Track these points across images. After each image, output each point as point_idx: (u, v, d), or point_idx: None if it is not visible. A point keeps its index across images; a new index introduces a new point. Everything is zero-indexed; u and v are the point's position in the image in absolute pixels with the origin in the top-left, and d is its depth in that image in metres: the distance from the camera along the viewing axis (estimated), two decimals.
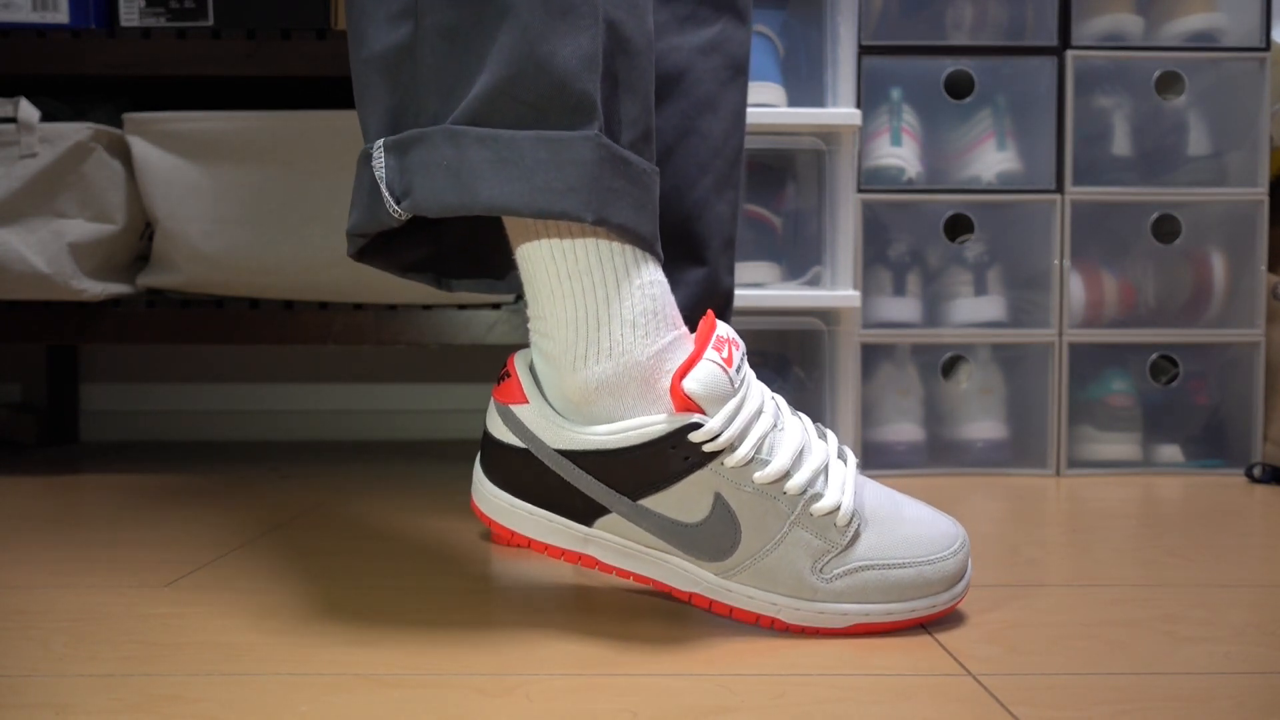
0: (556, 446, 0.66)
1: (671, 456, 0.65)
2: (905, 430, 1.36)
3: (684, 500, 0.66)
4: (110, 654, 0.63)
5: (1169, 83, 1.38)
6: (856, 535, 0.67)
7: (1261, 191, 1.36)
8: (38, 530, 1.01)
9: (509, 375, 0.68)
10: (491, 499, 0.69)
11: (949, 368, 1.38)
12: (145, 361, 1.75)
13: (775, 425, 0.67)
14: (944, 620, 0.70)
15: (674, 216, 0.89)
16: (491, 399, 0.69)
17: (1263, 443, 1.36)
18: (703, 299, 0.91)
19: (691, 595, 0.68)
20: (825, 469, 0.68)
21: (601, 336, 0.66)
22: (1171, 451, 1.37)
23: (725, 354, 0.66)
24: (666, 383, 0.66)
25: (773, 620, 0.67)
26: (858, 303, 1.27)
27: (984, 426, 1.37)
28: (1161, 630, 0.68)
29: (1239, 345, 1.37)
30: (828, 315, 1.29)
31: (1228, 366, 1.38)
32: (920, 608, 0.67)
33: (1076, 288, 1.37)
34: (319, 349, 1.74)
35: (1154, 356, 1.38)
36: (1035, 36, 1.37)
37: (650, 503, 0.66)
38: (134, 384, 1.75)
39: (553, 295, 0.66)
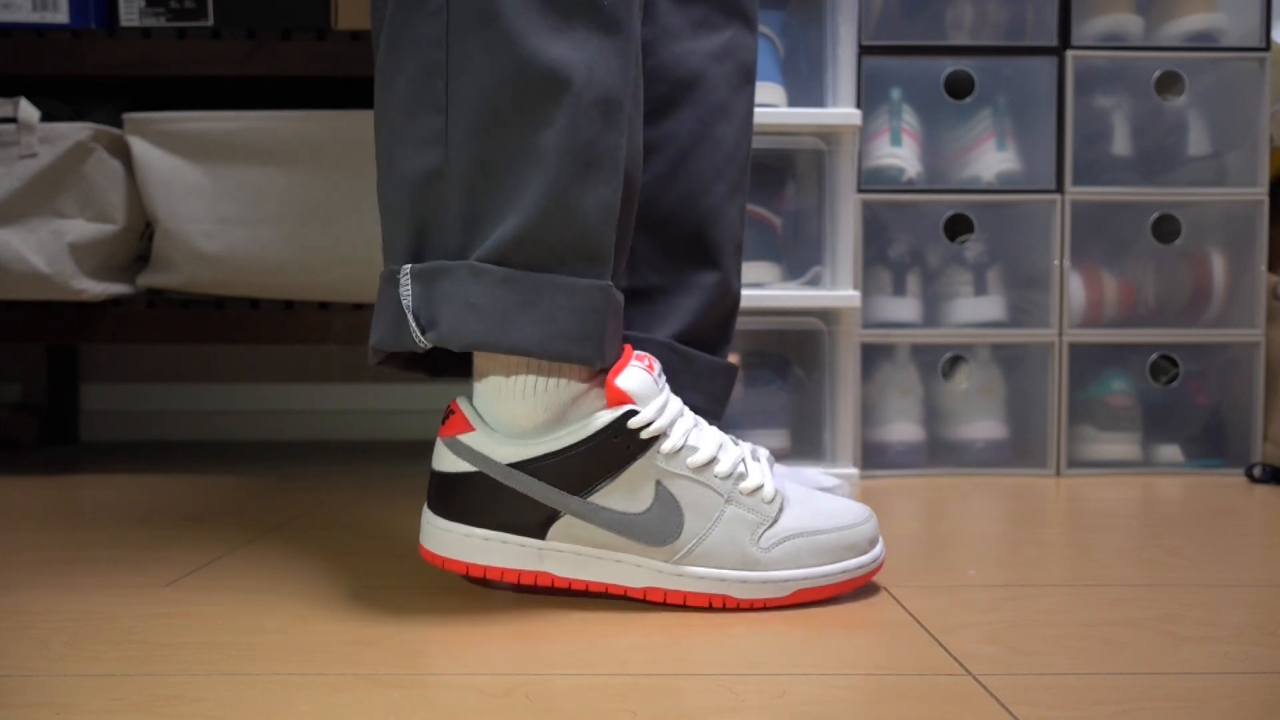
0: (507, 461, 0.71)
1: (614, 446, 0.70)
2: (905, 430, 1.36)
3: (628, 490, 0.71)
4: (110, 654, 0.63)
5: (1169, 83, 1.38)
6: (782, 509, 0.73)
7: (1261, 191, 1.36)
8: (38, 530, 1.01)
9: (453, 413, 0.73)
10: (443, 534, 0.73)
11: (949, 368, 1.38)
12: (145, 361, 1.75)
13: (695, 425, 0.74)
14: (944, 620, 0.70)
15: (688, 222, 0.90)
16: (438, 440, 0.73)
17: (1263, 443, 1.36)
18: (715, 302, 0.92)
19: (646, 591, 0.72)
20: (744, 460, 0.74)
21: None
22: (1171, 451, 1.37)
23: (647, 364, 0.73)
24: (601, 403, 0.72)
25: (724, 599, 0.72)
26: (858, 303, 1.27)
27: (984, 426, 1.37)
28: (1161, 630, 0.68)
29: (1239, 345, 1.37)
30: (828, 315, 1.29)
31: (1228, 366, 1.38)
32: (851, 567, 0.74)
33: (1076, 288, 1.37)
34: (319, 349, 1.74)
35: (1154, 356, 1.38)
36: (1035, 36, 1.37)
37: (598, 497, 0.70)
38: (134, 384, 1.75)
39: (517, 390, 0.71)
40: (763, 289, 1.28)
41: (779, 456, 1.21)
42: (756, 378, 1.32)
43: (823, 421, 1.30)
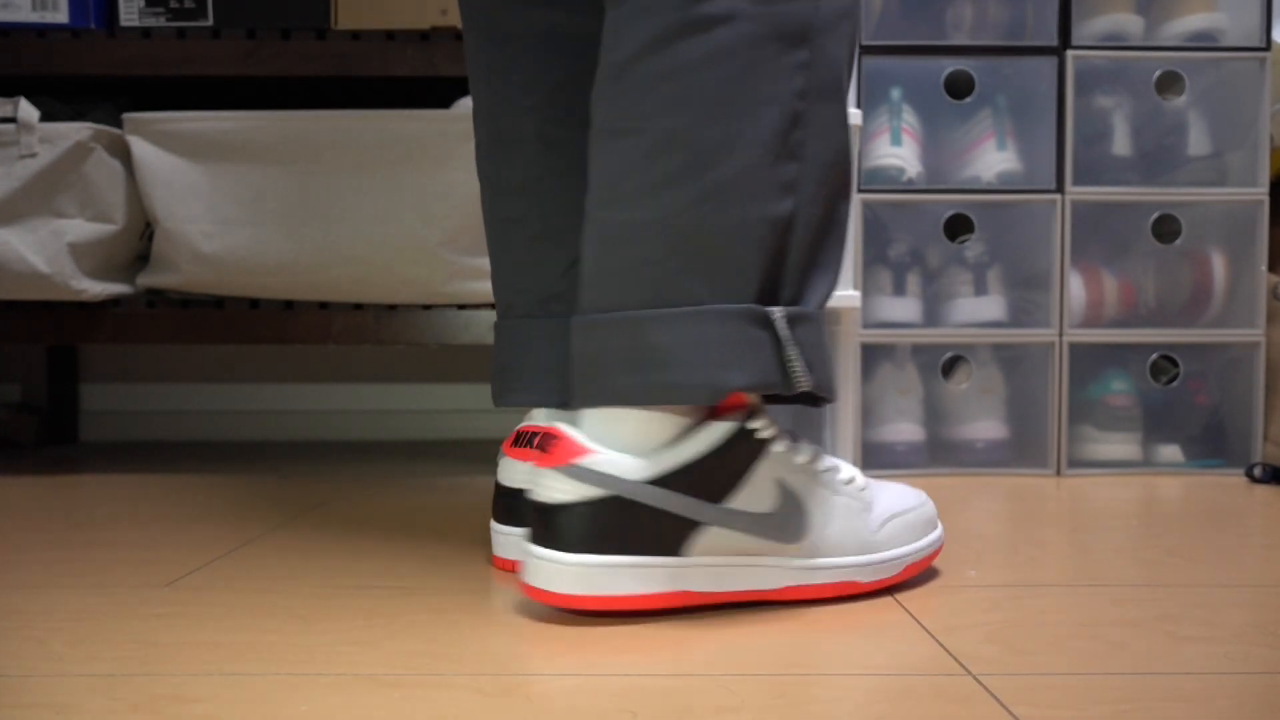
0: (644, 478, 0.69)
1: (740, 450, 0.70)
2: (905, 430, 1.36)
3: (757, 493, 0.71)
4: (110, 654, 0.63)
5: (1169, 83, 1.38)
6: (871, 495, 0.78)
7: (1261, 191, 1.36)
8: (38, 530, 1.01)
9: (556, 438, 0.69)
10: (565, 569, 0.68)
11: (949, 368, 1.38)
12: (145, 361, 1.75)
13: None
14: (944, 620, 0.70)
15: None
16: (546, 470, 0.69)
17: (1263, 443, 1.36)
18: None
19: (783, 591, 0.73)
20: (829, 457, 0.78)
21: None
22: (1171, 451, 1.37)
23: None
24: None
25: (851, 585, 0.75)
26: (858, 303, 1.26)
27: (984, 426, 1.37)
28: (1161, 630, 0.68)
29: (1239, 345, 1.37)
30: (828, 315, 1.29)
31: (1228, 366, 1.38)
32: (934, 540, 0.80)
33: (1076, 288, 1.37)
34: (319, 349, 1.74)
35: (1154, 356, 1.38)
36: (1035, 36, 1.37)
37: (734, 503, 0.71)
38: (134, 384, 1.75)
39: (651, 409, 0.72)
40: None
41: None
42: None
43: (823, 421, 1.30)
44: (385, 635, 0.67)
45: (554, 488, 0.69)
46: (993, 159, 1.36)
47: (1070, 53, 1.36)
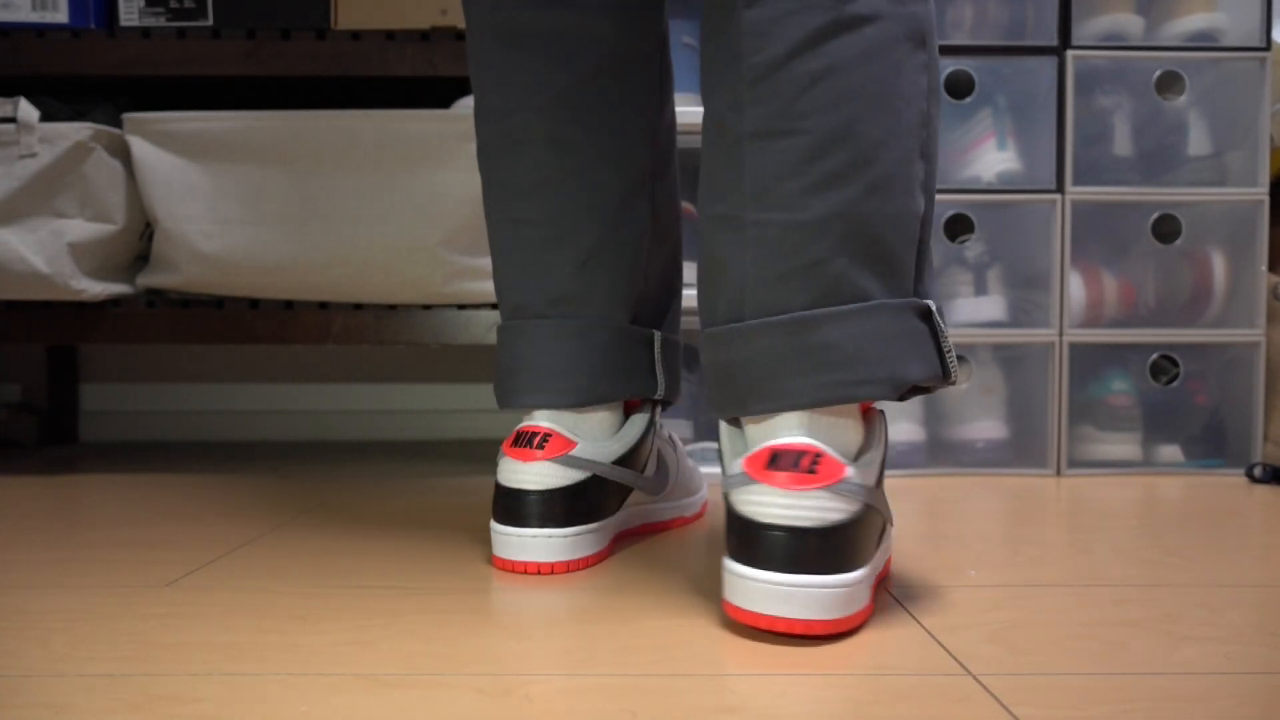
0: (873, 483, 0.69)
1: None
2: (905, 430, 1.36)
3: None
4: (110, 654, 0.63)
5: (1169, 83, 1.38)
6: None
7: (1261, 191, 1.36)
8: (38, 530, 1.01)
9: (820, 455, 0.65)
10: (858, 586, 0.66)
11: None
12: (145, 361, 1.75)
13: None
14: (944, 620, 0.70)
15: None
16: (814, 491, 0.65)
17: (1263, 443, 1.36)
18: None
19: (887, 563, 0.78)
20: None
21: None
22: (1171, 451, 1.37)
23: None
24: None
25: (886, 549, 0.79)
26: None
27: (984, 426, 1.37)
28: (1161, 630, 0.68)
29: (1239, 345, 1.37)
30: None
31: (1228, 366, 1.38)
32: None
33: (1076, 288, 1.37)
34: (319, 349, 1.74)
35: (1154, 356, 1.37)
36: (1035, 36, 1.37)
37: (883, 491, 0.72)
38: (134, 384, 1.75)
39: (853, 411, 0.72)
40: None
41: None
42: None
43: None
44: (385, 635, 0.67)
45: (830, 508, 0.65)
46: (993, 159, 1.36)
47: (1070, 53, 1.36)
